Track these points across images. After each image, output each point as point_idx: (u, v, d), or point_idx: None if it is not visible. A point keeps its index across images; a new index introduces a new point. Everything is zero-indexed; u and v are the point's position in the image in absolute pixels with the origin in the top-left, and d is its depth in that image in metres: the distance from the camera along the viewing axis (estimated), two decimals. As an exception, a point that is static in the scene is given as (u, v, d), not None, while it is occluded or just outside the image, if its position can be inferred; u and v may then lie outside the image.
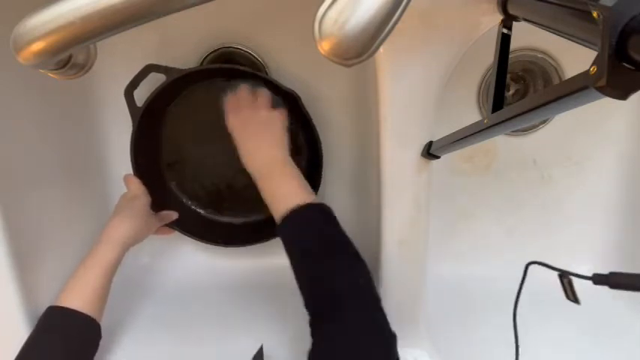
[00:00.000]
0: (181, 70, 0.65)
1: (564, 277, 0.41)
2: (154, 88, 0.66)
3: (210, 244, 0.73)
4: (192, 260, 0.71)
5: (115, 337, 0.66)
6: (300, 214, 0.54)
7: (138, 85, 0.66)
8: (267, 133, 0.60)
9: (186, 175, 0.75)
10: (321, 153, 0.69)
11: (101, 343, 0.58)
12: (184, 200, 0.76)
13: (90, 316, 0.56)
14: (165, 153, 0.74)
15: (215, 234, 0.74)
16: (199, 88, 0.71)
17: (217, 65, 0.71)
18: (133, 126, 0.67)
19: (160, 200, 0.69)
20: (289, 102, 0.67)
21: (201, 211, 0.77)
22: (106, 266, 0.58)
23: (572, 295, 0.42)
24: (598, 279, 0.36)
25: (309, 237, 0.54)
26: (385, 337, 0.48)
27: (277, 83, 0.66)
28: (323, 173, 0.70)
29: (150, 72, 0.65)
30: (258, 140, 0.60)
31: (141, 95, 0.66)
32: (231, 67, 0.68)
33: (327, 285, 0.51)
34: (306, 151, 0.73)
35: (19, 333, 0.56)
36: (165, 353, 0.65)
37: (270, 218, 0.68)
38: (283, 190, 0.57)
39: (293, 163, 0.60)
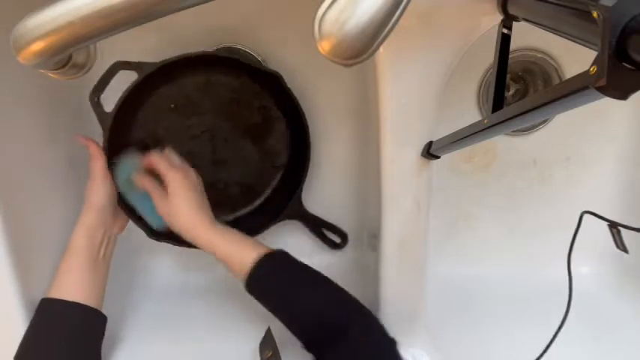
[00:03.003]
0: (154, 63, 0.60)
1: (613, 227, 0.44)
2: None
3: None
4: (192, 259, 0.71)
5: (115, 337, 0.66)
6: (260, 271, 0.55)
7: (105, 87, 0.60)
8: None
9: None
10: (308, 136, 0.67)
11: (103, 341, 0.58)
12: None
13: (84, 305, 0.56)
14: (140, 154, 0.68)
15: None
16: (177, 81, 0.67)
17: (192, 53, 0.64)
18: (104, 135, 0.61)
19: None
20: (273, 83, 0.65)
21: None
22: (83, 253, 0.58)
23: (621, 245, 0.45)
24: None
25: (277, 287, 0.55)
26: (388, 343, 0.50)
27: (257, 65, 0.64)
28: (321, 172, 0.70)
29: (118, 70, 0.60)
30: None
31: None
32: (206, 53, 0.64)
33: (317, 320, 0.52)
34: (293, 135, 0.71)
35: (19, 330, 0.56)
36: (165, 352, 0.65)
37: (255, 213, 0.66)
38: (235, 249, 0.57)
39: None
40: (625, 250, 0.44)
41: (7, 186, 0.55)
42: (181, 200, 0.57)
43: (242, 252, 0.56)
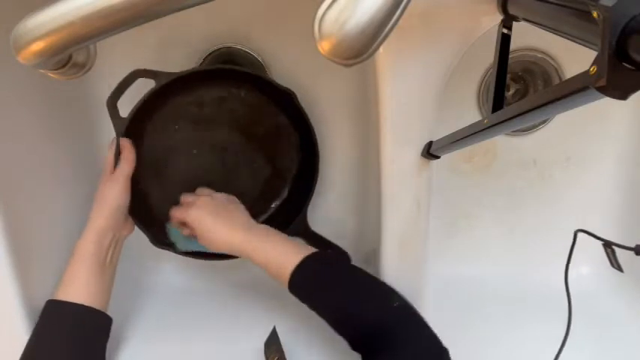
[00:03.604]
0: (171, 73, 0.61)
1: (608, 246, 0.44)
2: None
3: (207, 259, 0.67)
4: (196, 261, 0.71)
5: (120, 337, 0.66)
6: (305, 270, 0.55)
7: (123, 92, 0.61)
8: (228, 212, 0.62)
9: (171, 188, 0.69)
10: (318, 152, 0.68)
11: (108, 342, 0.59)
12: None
13: (90, 307, 0.56)
14: (150, 163, 0.68)
15: None
16: (192, 92, 0.67)
17: (210, 66, 0.68)
18: (117, 141, 0.61)
19: (141, 214, 0.65)
20: (286, 99, 0.66)
21: None
22: (90, 258, 0.58)
23: (615, 263, 0.45)
24: None
25: (327, 285, 0.55)
26: (440, 353, 0.49)
27: (273, 82, 0.65)
28: (321, 172, 0.70)
29: (137, 78, 0.61)
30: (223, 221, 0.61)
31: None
32: (223, 68, 0.65)
33: (366, 321, 0.52)
34: (302, 149, 0.72)
35: (19, 330, 0.56)
36: (169, 353, 0.65)
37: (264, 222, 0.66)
38: (275, 255, 0.57)
39: (261, 225, 0.62)
40: (620, 269, 0.44)
41: (7, 186, 0.55)
42: (206, 231, 0.60)
43: (283, 256, 0.56)
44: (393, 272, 0.61)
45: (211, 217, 0.60)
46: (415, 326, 0.52)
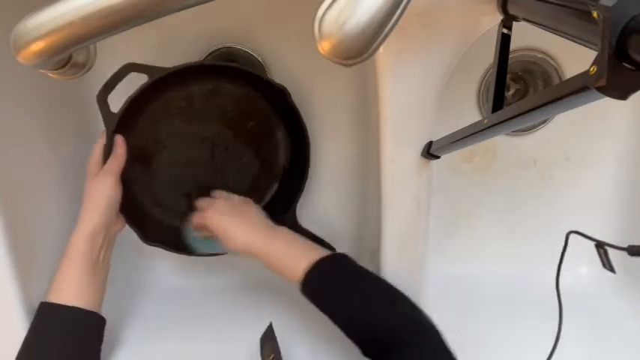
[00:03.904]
0: (164, 68, 0.61)
1: (600, 247, 0.44)
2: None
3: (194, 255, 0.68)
4: (192, 261, 0.71)
5: (115, 339, 0.66)
6: (317, 273, 0.55)
7: (114, 87, 0.60)
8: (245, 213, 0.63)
9: (160, 184, 0.70)
10: (308, 146, 0.68)
11: (103, 343, 0.58)
12: (160, 215, 0.70)
13: (83, 308, 0.56)
14: (139, 158, 0.67)
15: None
16: (183, 86, 0.67)
17: (203, 62, 0.68)
18: (107, 135, 0.61)
19: (131, 211, 0.64)
20: (278, 95, 0.66)
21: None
22: (83, 258, 0.57)
23: (608, 264, 0.45)
24: (632, 250, 0.39)
25: (338, 288, 0.55)
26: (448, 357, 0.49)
27: (266, 78, 0.65)
28: (320, 172, 0.70)
29: (129, 72, 0.60)
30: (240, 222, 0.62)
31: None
32: (215, 64, 0.65)
33: (376, 327, 0.52)
34: (294, 145, 0.72)
35: (18, 330, 0.56)
36: (164, 354, 0.65)
37: None
38: (290, 256, 0.58)
39: (281, 228, 0.63)
40: (612, 270, 0.44)
41: (7, 186, 0.55)
42: (224, 233, 0.61)
43: (297, 257, 0.57)
44: (393, 272, 0.61)
45: (228, 218, 0.62)
46: (425, 332, 0.51)
